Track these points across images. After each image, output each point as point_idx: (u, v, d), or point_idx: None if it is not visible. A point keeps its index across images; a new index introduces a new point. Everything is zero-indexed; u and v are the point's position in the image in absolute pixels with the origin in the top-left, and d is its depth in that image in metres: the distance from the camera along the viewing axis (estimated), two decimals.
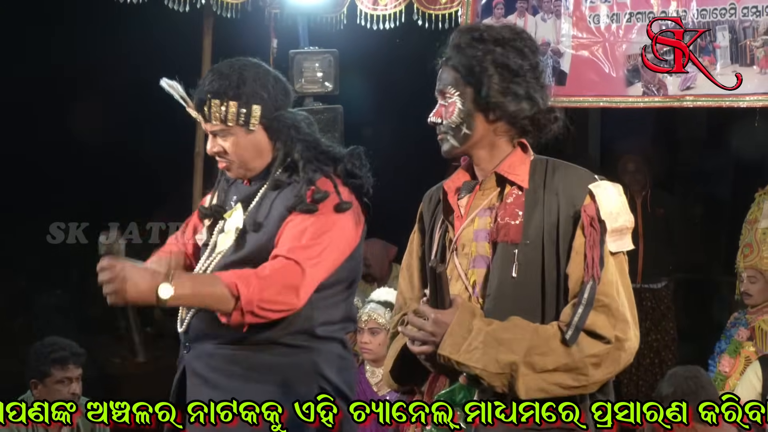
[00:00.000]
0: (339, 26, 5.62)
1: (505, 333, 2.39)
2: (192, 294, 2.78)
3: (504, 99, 2.48)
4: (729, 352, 5.17)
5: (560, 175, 2.50)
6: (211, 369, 2.98)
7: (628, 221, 2.47)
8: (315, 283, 2.90)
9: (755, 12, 4.53)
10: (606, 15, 4.89)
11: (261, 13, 5.70)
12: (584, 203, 2.44)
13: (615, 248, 2.45)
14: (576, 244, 2.43)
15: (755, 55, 4.54)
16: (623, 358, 2.41)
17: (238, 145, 2.99)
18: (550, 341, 2.37)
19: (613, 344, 2.39)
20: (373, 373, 4.56)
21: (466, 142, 2.54)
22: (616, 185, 2.49)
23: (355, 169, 3.07)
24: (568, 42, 4.99)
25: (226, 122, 2.96)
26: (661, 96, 4.78)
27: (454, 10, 5.27)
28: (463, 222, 2.58)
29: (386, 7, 5.39)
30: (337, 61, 5.29)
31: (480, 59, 2.48)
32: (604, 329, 2.38)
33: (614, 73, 4.88)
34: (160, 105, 3.49)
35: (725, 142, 7.88)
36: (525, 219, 2.47)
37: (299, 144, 3.01)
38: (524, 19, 5.09)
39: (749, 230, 5.30)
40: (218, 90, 2.96)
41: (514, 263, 2.46)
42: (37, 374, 4.48)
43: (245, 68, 3.02)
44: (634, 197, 6.95)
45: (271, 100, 3.00)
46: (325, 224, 2.92)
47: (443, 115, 2.55)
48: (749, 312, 5.23)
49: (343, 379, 3.05)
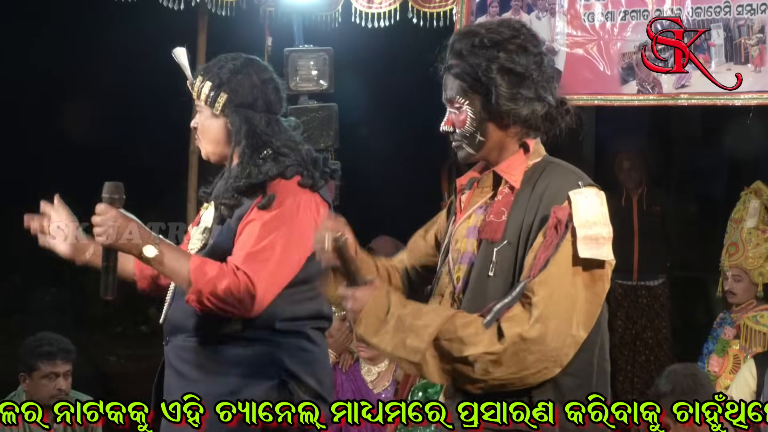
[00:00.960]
0: (334, 24, 5.62)
1: (417, 318, 2.36)
2: (166, 264, 2.93)
3: (515, 105, 2.46)
4: (717, 352, 5.19)
5: (549, 178, 2.47)
6: (181, 360, 3.09)
7: (605, 232, 2.38)
8: (274, 289, 2.95)
9: (750, 10, 4.54)
10: (600, 13, 4.90)
11: (256, 11, 5.69)
12: (558, 206, 2.39)
13: (588, 254, 2.34)
14: (535, 244, 2.38)
15: (750, 53, 4.55)
16: (530, 359, 2.30)
17: (203, 125, 3.16)
18: (464, 329, 2.32)
19: (515, 344, 2.29)
20: (369, 371, 4.56)
21: (482, 149, 2.53)
22: (599, 194, 2.43)
23: (312, 172, 3.09)
24: (563, 40, 5.00)
25: (200, 98, 3.14)
26: (655, 94, 4.78)
27: (448, 8, 5.27)
28: (462, 217, 2.59)
29: (381, 5, 5.39)
30: (332, 59, 5.29)
31: (485, 68, 2.45)
32: (512, 325, 2.30)
33: (609, 71, 4.89)
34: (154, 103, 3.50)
35: (719, 140, 7.90)
36: (508, 218, 2.46)
37: (245, 145, 3.07)
38: (519, 17, 5.09)
39: (735, 229, 5.31)
40: (206, 69, 3.16)
41: (492, 262, 2.44)
42: (26, 368, 4.47)
43: (240, 61, 3.14)
44: (631, 195, 6.97)
45: (242, 96, 3.09)
46: (279, 227, 2.97)
47: (455, 123, 2.53)
48: (734, 311, 5.26)
49: (307, 371, 3.08)
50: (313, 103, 5.26)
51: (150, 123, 9.29)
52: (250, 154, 3.06)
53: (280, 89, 3.19)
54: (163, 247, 2.92)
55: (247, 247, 2.94)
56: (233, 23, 5.93)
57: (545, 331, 2.30)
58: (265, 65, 3.20)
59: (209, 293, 2.87)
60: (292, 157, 3.06)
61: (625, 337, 6.82)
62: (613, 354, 6.74)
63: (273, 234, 2.95)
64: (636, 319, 6.82)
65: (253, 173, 3.03)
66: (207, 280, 2.88)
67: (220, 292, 2.87)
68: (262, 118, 3.10)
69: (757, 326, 5.04)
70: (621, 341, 6.81)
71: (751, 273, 5.18)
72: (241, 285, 2.87)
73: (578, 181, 2.43)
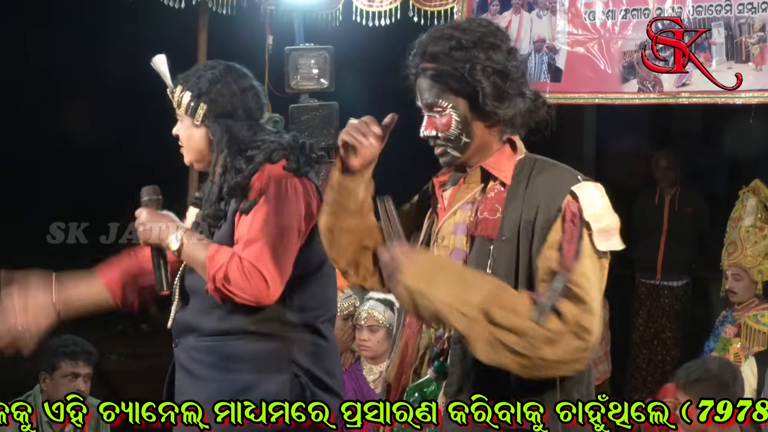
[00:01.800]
0: (335, 23, 5.63)
1: (473, 277, 2.36)
2: (186, 254, 3.02)
3: (501, 104, 2.46)
4: (717, 350, 5.20)
5: (544, 174, 2.47)
6: (193, 360, 3.10)
7: (613, 222, 2.42)
8: (280, 271, 2.95)
9: (750, 9, 4.54)
10: (601, 11, 4.90)
11: (256, 10, 5.70)
12: (566, 201, 2.39)
13: (604, 247, 2.40)
14: (550, 238, 2.38)
15: (751, 52, 4.54)
16: (579, 348, 2.30)
17: (184, 134, 3.18)
18: (515, 300, 2.32)
19: (573, 328, 2.29)
20: (371, 371, 4.56)
21: (468, 150, 2.52)
22: (598, 186, 2.45)
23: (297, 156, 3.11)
24: (564, 39, 4.99)
25: (180, 108, 3.14)
26: (656, 93, 4.78)
27: (449, 6, 5.27)
28: (446, 214, 2.58)
29: (382, 4, 5.39)
30: (332, 58, 5.29)
31: (469, 69, 2.44)
32: (571, 310, 2.30)
33: (610, 69, 4.88)
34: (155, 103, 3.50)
35: (720, 139, 7.89)
36: (503, 215, 2.46)
37: (226, 150, 3.09)
38: (519, 16, 5.10)
39: (733, 228, 5.32)
40: (186, 78, 3.15)
41: (489, 259, 2.44)
42: (47, 367, 4.51)
43: (219, 70, 3.14)
44: (664, 194, 6.95)
45: (222, 106, 3.09)
46: (272, 212, 2.99)
47: (438, 127, 2.51)
48: (735, 309, 5.27)
49: (319, 366, 3.09)
50: (314, 101, 5.26)
51: (150, 123, 9.28)
52: (232, 161, 3.08)
53: (260, 96, 3.19)
54: (185, 238, 3.00)
55: (244, 235, 2.97)
56: (234, 22, 5.93)
57: (593, 322, 2.32)
58: (244, 72, 3.19)
59: (222, 279, 2.90)
60: (276, 143, 3.08)
61: (645, 336, 6.83)
62: (632, 352, 6.80)
63: (266, 219, 2.97)
64: (656, 318, 6.82)
65: (238, 171, 3.05)
66: (219, 266, 2.91)
67: (231, 278, 2.90)
68: (243, 126, 3.11)
69: (758, 325, 5.05)
70: (641, 340, 6.83)
71: (751, 271, 5.18)
72: (249, 271, 2.89)
73: (577, 176, 2.46)
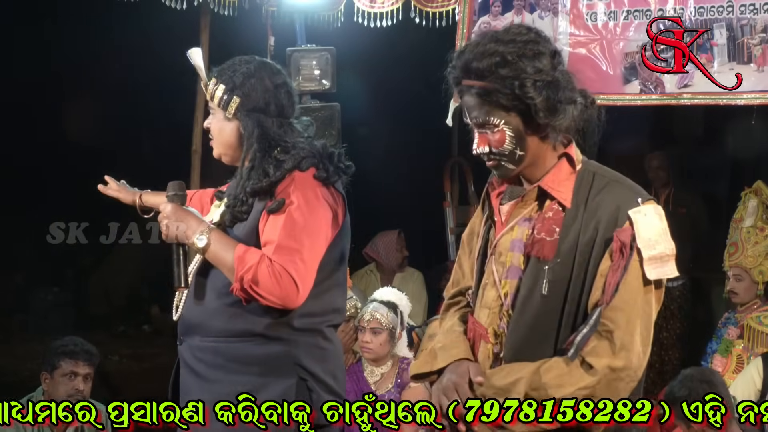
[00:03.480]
0: (336, 24, 5.63)
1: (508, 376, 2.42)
2: (212, 253, 3.02)
3: (555, 116, 2.42)
4: (720, 352, 5.19)
5: (604, 194, 2.43)
6: (198, 360, 3.11)
7: (668, 248, 2.38)
8: (310, 278, 2.97)
9: (753, 9, 4.54)
10: (603, 13, 4.90)
11: (258, 11, 5.69)
12: (620, 228, 2.38)
13: (654, 275, 2.37)
14: (602, 267, 2.38)
15: (752, 53, 4.54)
16: (621, 387, 2.37)
17: (216, 127, 3.19)
18: (543, 376, 2.38)
19: (606, 375, 2.35)
20: (373, 372, 4.56)
21: (522, 163, 2.49)
22: (658, 209, 2.41)
23: (327, 165, 3.11)
24: (566, 39, 4.99)
25: (213, 100, 3.16)
26: (658, 94, 4.78)
27: (451, 7, 5.27)
28: (503, 229, 2.56)
29: (383, 5, 5.39)
30: (334, 59, 5.29)
31: (519, 86, 2.39)
32: (599, 359, 2.34)
33: (611, 70, 4.88)
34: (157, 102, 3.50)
35: (722, 140, 7.88)
36: (561, 236, 2.44)
37: (256, 145, 3.10)
38: (521, 17, 5.09)
39: (735, 229, 5.32)
40: (221, 71, 3.17)
41: (544, 280, 2.43)
42: (48, 366, 4.53)
43: (254, 65, 3.16)
44: (657, 194, 6.93)
45: (255, 100, 3.11)
46: (302, 218, 2.99)
47: (491, 143, 2.47)
48: (738, 311, 5.26)
49: (323, 369, 3.10)
50: (316, 102, 5.26)
51: (153, 122, 9.30)
52: (261, 158, 3.08)
53: (292, 93, 3.21)
54: (212, 237, 3.01)
55: (274, 239, 2.96)
56: (236, 23, 5.93)
57: (630, 357, 2.35)
58: (278, 69, 3.21)
59: (250, 280, 2.90)
60: (307, 150, 3.08)
61: None
62: None
63: (297, 225, 2.97)
64: None
65: (265, 174, 3.04)
66: (248, 267, 2.91)
67: (260, 280, 2.90)
68: (274, 122, 3.12)
69: (761, 327, 5.04)
70: None
71: (752, 272, 5.18)
72: (279, 273, 2.90)
73: (637, 198, 2.42)
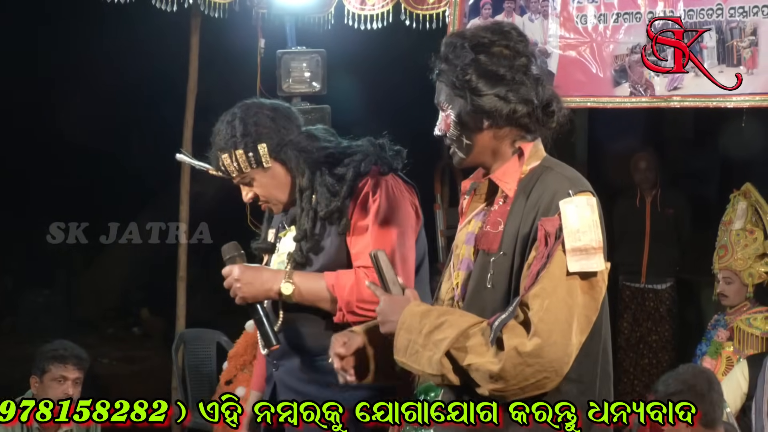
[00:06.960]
0: (326, 26, 5.62)
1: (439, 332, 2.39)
2: (305, 294, 3.01)
3: (495, 105, 2.46)
4: (710, 354, 5.20)
5: (542, 186, 2.45)
6: (300, 381, 3.12)
7: (594, 241, 2.34)
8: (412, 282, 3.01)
9: (742, 12, 4.55)
10: (593, 15, 4.90)
11: (248, 13, 5.69)
12: (546, 218, 2.38)
13: (577, 267, 2.33)
14: (529, 258, 2.39)
15: (742, 56, 4.55)
16: (528, 373, 2.29)
17: (263, 186, 3.13)
18: (469, 339, 2.35)
19: (511, 358, 2.29)
20: None
21: (471, 152, 2.53)
22: (590, 200, 2.39)
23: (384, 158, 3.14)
24: (556, 42, 4.99)
25: (242, 170, 3.09)
26: (648, 96, 4.79)
27: (441, 10, 5.27)
28: (463, 221, 2.61)
29: (374, 7, 5.39)
30: (324, 61, 5.29)
31: (464, 69, 2.47)
32: (510, 338, 2.30)
33: (601, 73, 4.88)
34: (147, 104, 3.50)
35: (712, 142, 7.90)
36: (504, 229, 2.46)
37: (307, 171, 3.10)
38: (511, 20, 5.08)
39: (724, 231, 5.34)
40: (223, 145, 3.10)
41: (489, 272, 2.45)
42: (38, 370, 4.52)
43: (239, 113, 3.12)
44: (644, 196, 6.95)
45: (273, 134, 3.09)
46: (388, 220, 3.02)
47: (441, 127, 2.56)
48: (728, 313, 5.27)
49: None
50: (306, 105, 5.25)
51: (143, 124, 9.28)
52: (315, 178, 3.08)
53: (288, 106, 3.23)
54: (296, 279, 2.99)
55: (363, 249, 2.97)
56: (226, 25, 5.93)
57: (542, 344, 2.28)
58: (259, 102, 3.20)
59: (357, 300, 2.92)
60: (360, 154, 3.11)
61: (630, 340, 6.82)
62: (618, 356, 6.79)
63: (387, 231, 2.99)
64: (642, 322, 6.82)
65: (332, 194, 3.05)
66: (349, 289, 2.92)
67: (365, 296, 2.90)
68: (302, 139, 3.12)
69: (750, 329, 5.06)
70: (627, 343, 6.82)
71: (741, 274, 5.19)
72: None
73: (569, 189, 2.40)
